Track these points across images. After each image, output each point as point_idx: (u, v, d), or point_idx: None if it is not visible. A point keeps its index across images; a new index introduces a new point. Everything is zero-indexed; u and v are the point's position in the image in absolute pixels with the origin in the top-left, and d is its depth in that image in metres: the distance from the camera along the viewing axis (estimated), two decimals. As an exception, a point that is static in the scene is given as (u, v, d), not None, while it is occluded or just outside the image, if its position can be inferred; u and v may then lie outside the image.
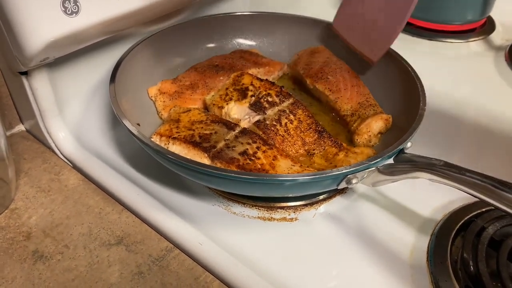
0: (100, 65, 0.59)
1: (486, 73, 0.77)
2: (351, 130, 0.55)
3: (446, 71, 0.77)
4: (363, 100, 0.58)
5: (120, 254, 0.44)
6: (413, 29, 0.88)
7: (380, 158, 0.43)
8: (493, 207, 0.47)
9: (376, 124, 0.54)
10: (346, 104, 0.58)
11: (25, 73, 0.51)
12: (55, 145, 0.56)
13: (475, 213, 0.49)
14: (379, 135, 0.55)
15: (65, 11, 0.45)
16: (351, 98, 0.58)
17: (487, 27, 0.91)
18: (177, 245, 0.46)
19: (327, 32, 0.67)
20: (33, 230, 0.47)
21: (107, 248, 0.45)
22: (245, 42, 0.70)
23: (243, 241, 0.47)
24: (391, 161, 0.46)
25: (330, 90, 0.59)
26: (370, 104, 0.57)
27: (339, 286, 0.43)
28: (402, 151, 0.46)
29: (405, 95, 0.56)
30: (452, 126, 0.64)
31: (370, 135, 0.54)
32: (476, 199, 0.39)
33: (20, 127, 0.60)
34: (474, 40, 0.87)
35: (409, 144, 0.46)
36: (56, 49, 0.47)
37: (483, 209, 0.49)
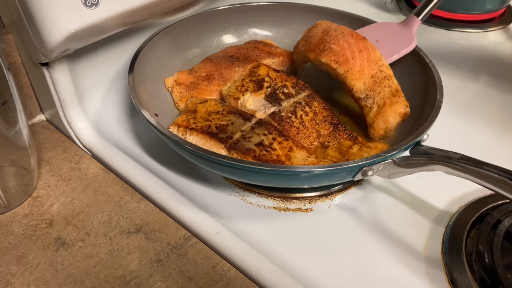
0: (118, 56, 0.60)
1: (505, 63, 0.76)
2: (367, 120, 0.54)
3: (464, 61, 0.76)
4: (376, 71, 0.53)
5: (140, 242, 0.46)
6: (430, 19, 0.86)
7: (397, 151, 0.43)
8: (509, 200, 0.48)
9: (394, 120, 0.53)
10: (358, 81, 0.53)
11: (46, 64, 0.52)
12: (75, 134, 0.57)
13: (491, 205, 0.49)
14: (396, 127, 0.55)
15: (85, 3, 0.46)
16: (362, 69, 0.53)
17: (506, 17, 0.90)
18: (194, 234, 0.46)
19: (344, 23, 0.66)
20: (55, 217, 0.48)
21: (127, 236, 0.46)
22: (261, 32, 0.70)
23: (259, 230, 0.47)
24: (407, 153, 0.46)
25: (336, 62, 0.54)
26: (385, 77, 0.54)
27: (354, 276, 0.44)
28: (418, 143, 0.46)
29: (422, 87, 0.55)
30: (469, 118, 0.64)
31: (386, 130, 0.54)
32: (492, 192, 0.39)
33: (41, 117, 0.61)
34: (493, 30, 0.85)
35: (425, 137, 0.46)
36: (76, 40, 0.48)
37: (499, 202, 0.49)
